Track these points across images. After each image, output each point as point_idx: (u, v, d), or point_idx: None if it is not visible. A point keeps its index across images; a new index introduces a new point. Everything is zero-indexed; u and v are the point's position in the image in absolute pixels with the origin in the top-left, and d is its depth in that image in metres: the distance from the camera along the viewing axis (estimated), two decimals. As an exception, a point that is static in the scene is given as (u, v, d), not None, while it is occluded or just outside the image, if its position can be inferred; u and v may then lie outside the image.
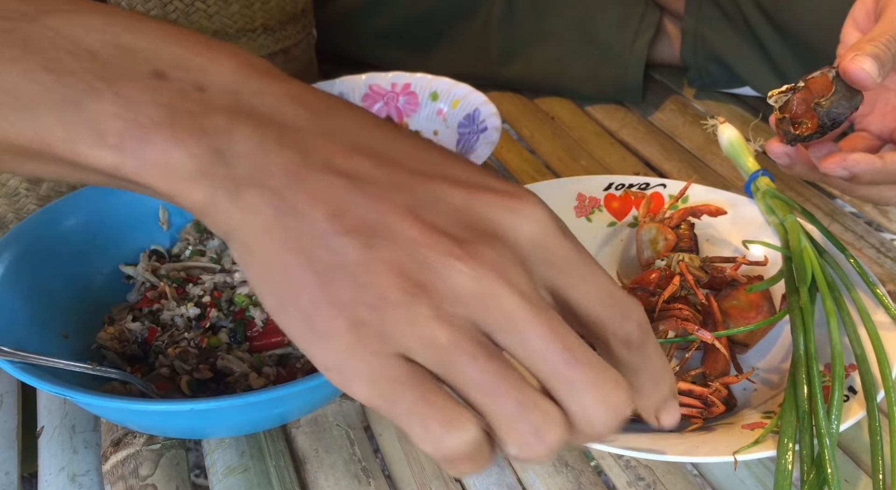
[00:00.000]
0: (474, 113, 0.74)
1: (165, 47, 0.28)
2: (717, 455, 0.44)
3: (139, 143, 0.27)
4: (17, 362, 0.45)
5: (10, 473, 0.51)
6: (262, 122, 0.28)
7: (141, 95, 0.27)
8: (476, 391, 0.27)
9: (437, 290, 0.27)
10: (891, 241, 0.68)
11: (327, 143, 0.28)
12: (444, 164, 0.29)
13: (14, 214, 0.64)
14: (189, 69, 0.28)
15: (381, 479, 0.49)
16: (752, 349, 0.56)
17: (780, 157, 0.56)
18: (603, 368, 0.28)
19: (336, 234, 0.27)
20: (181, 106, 0.27)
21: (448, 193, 0.28)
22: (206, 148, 0.27)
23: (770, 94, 0.54)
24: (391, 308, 0.26)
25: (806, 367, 0.47)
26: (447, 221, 0.28)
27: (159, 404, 0.44)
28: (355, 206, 0.27)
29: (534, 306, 0.27)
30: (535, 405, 0.27)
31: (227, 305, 0.56)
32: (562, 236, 0.29)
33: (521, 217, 0.28)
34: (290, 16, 0.82)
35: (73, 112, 0.27)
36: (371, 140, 0.29)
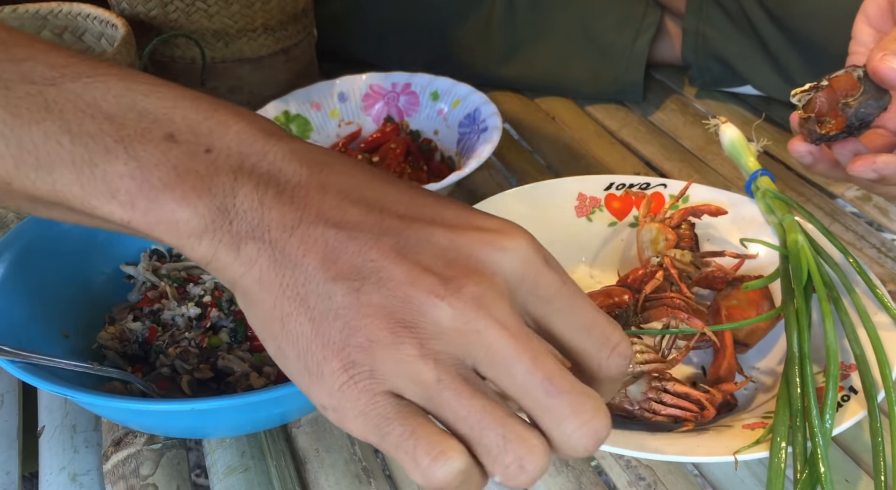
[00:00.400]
0: (475, 113, 0.74)
1: (178, 112, 0.31)
2: (718, 455, 0.44)
3: (148, 203, 0.29)
4: (17, 362, 0.45)
5: (11, 473, 0.51)
6: (263, 181, 0.30)
7: (152, 157, 0.30)
8: (462, 425, 0.28)
9: (421, 328, 0.28)
10: (892, 241, 0.68)
11: (321, 196, 0.30)
12: (432, 208, 0.31)
13: (14, 214, 0.64)
14: (199, 133, 0.30)
15: (381, 479, 0.49)
16: (752, 349, 0.56)
17: (803, 156, 0.56)
18: (584, 396, 0.29)
19: (327, 281, 0.28)
20: (189, 167, 0.30)
21: (434, 234, 0.30)
22: (210, 207, 0.29)
23: (793, 93, 0.54)
24: (379, 349, 0.28)
25: (799, 367, 0.47)
26: (431, 261, 0.29)
27: (160, 404, 0.44)
28: (345, 252, 0.29)
29: (515, 339, 0.28)
30: (519, 437, 0.28)
31: (228, 305, 0.56)
32: (545, 268, 0.30)
33: (505, 252, 0.30)
34: (291, 16, 0.82)
35: (89, 171, 0.30)
36: (362, 190, 0.31)
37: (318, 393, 0.29)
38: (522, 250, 0.30)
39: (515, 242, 0.30)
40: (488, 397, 0.29)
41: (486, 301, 0.28)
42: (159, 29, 0.78)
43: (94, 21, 0.75)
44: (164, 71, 0.81)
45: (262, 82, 0.83)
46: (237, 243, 0.29)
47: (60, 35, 0.76)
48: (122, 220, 0.30)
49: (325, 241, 0.29)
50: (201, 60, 0.79)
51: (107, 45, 0.75)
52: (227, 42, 0.80)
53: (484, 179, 0.78)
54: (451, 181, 0.65)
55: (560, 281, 0.30)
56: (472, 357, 0.29)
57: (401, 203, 0.31)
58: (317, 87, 0.78)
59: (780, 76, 0.83)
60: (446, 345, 0.28)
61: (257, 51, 0.81)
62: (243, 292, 0.30)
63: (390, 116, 0.79)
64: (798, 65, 0.80)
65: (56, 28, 0.76)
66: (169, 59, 0.81)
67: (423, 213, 0.30)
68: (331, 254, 0.29)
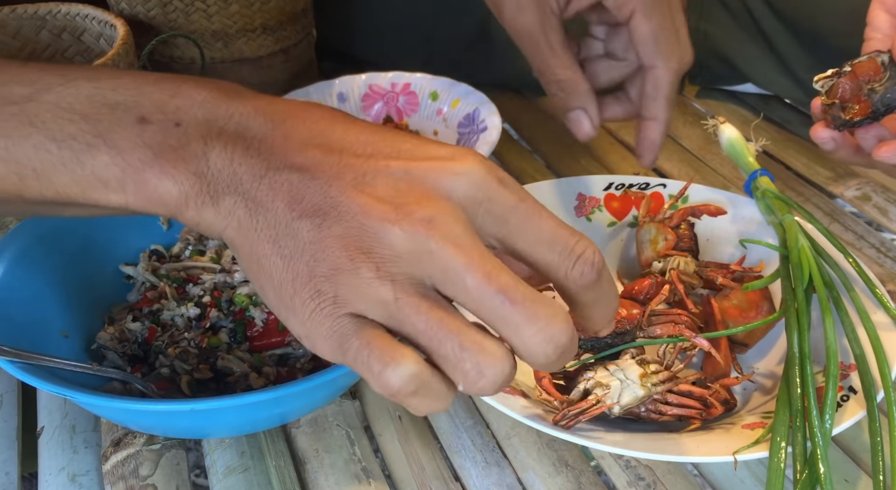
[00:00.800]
0: (474, 113, 0.74)
1: (144, 97, 0.33)
2: (717, 455, 0.44)
3: (135, 184, 0.32)
4: (17, 362, 0.45)
5: (11, 473, 0.51)
6: (231, 140, 0.32)
7: (128, 142, 0.32)
8: (422, 338, 0.30)
9: (377, 253, 0.30)
10: (891, 241, 0.68)
11: (285, 144, 0.32)
12: (390, 143, 0.33)
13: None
14: (166, 111, 0.33)
15: (381, 479, 0.49)
16: (751, 349, 0.56)
17: (825, 142, 0.56)
18: (538, 304, 0.30)
19: (293, 220, 0.31)
20: (163, 143, 0.32)
21: (389, 167, 0.32)
22: (187, 173, 0.32)
23: (816, 79, 0.54)
24: (340, 275, 0.30)
25: (800, 367, 0.47)
26: (386, 191, 0.31)
27: (159, 404, 0.44)
28: (308, 192, 0.31)
29: (467, 256, 0.30)
30: (475, 344, 0.30)
31: (227, 305, 0.56)
32: (499, 187, 0.32)
33: (457, 176, 0.32)
34: (290, 16, 0.82)
35: (80, 169, 0.33)
36: (324, 134, 0.33)
37: (293, 324, 0.32)
38: (475, 173, 0.32)
39: (467, 166, 0.32)
40: (447, 310, 0.30)
41: (438, 222, 0.30)
42: (158, 29, 0.78)
43: (92, 21, 0.75)
44: (164, 71, 0.81)
45: (262, 82, 0.83)
46: (216, 200, 0.32)
47: (59, 35, 0.76)
48: (120, 204, 0.33)
49: (290, 184, 0.31)
50: (200, 61, 0.79)
51: (106, 45, 0.75)
52: (227, 42, 0.80)
53: (483, 179, 0.78)
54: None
55: (516, 199, 0.32)
56: (429, 277, 0.31)
57: (360, 142, 0.33)
58: (316, 87, 0.78)
59: (783, 73, 0.82)
60: (402, 266, 0.30)
61: (256, 51, 0.81)
62: (230, 243, 0.33)
63: (389, 116, 0.79)
64: (802, 60, 0.80)
65: (55, 28, 0.76)
66: (168, 59, 0.81)
67: (380, 149, 0.33)
68: (296, 195, 0.31)
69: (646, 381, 0.47)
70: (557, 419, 0.46)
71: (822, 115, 0.55)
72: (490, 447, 0.51)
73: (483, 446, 0.51)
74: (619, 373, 0.48)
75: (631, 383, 0.47)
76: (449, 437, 0.52)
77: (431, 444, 0.51)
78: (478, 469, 0.49)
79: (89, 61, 0.76)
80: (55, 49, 0.77)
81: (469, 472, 0.49)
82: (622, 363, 0.48)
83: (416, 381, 0.30)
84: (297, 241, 0.31)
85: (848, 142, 0.56)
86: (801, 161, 0.80)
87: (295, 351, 0.54)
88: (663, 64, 0.56)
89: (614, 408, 0.47)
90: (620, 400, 0.47)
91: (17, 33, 0.75)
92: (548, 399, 0.47)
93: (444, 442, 0.51)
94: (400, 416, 0.53)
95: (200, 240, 0.61)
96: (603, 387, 0.47)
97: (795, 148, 0.82)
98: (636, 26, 0.56)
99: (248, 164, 0.32)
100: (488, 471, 0.49)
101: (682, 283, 0.54)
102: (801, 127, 0.85)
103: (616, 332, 0.49)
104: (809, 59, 0.80)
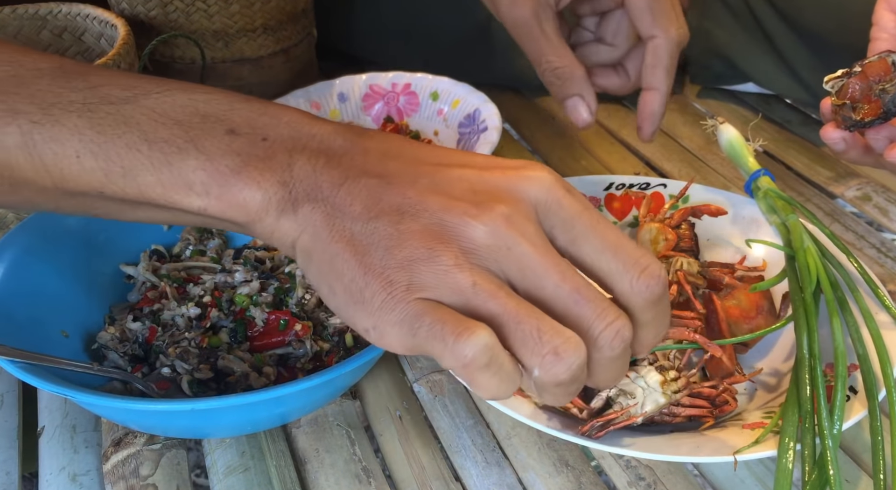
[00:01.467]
0: (475, 113, 0.74)
1: (235, 112, 0.35)
2: (718, 455, 0.44)
3: (220, 188, 0.34)
4: (17, 362, 0.45)
5: (11, 473, 0.51)
6: (314, 153, 0.34)
7: (218, 149, 0.34)
8: (498, 320, 0.31)
9: (456, 244, 0.31)
10: (891, 241, 0.68)
11: (364, 157, 0.34)
12: (461, 156, 0.35)
13: (14, 214, 0.64)
14: (255, 126, 0.35)
15: (381, 479, 0.49)
16: (752, 349, 0.56)
17: (836, 142, 0.56)
18: (607, 303, 0.32)
19: (370, 220, 0.32)
20: (251, 153, 0.34)
21: (464, 173, 0.34)
22: (272, 181, 0.34)
23: (826, 79, 0.54)
24: (417, 264, 0.31)
25: (809, 368, 0.47)
26: (463, 193, 0.33)
27: (160, 404, 0.44)
28: (386, 195, 0.33)
29: (543, 255, 0.32)
30: (553, 329, 0.31)
31: (228, 305, 0.56)
32: (567, 194, 0.33)
33: (529, 180, 0.33)
34: (290, 16, 0.82)
35: (167, 170, 0.34)
36: (399, 150, 0.35)
37: (361, 317, 0.32)
38: (545, 179, 0.33)
39: (538, 173, 0.34)
40: (521, 299, 0.32)
41: (515, 221, 0.32)
42: (159, 29, 0.78)
43: (93, 21, 0.75)
44: (164, 71, 0.81)
45: (262, 82, 0.83)
46: (296, 208, 0.33)
47: (60, 35, 0.76)
48: (199, 208, 0.34)
49: (368, 188, 0.33)
50: (201, 61, 0.79)
51: (106, 45, 0.75)
52: (227, 42, 0.80)
53: (484, 179, 0.78)
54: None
55: (582, 206, 0.33)
56: (504, 271, 0.32)
57: (433, 155, 0.35)
58: (316, 88, 0.78)
59: (784, 72, 0.82)
60: (480, 259, 0.32)
61: (257, 51, 0.81)
62: (302, 251, 0.34)
63: (390, 116, 0.79)
64: (805, 60, 0.80)
65: (55, 28, 0.76)
66: (169, 59, 0.81)
67: (453, 160, 0.35)
68: (373, 197, 0.33)
69: (666, 388, 0.47)
70: (585, 430, 0.45)
71: (832, 115, 0.55)
72: (490, 447, 0.51)
73: (483, 446, 0.51)
74: (640, 380, 0.47)
75: (652, 391, 0.47)
76: (449, 436, 0.52)
77: (432, 444, 0.51)
78: (478, 469, 0.49)
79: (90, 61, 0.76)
80: (56, 49, 0.77)
81: (469, 472, 0.49)
82: (641, 370, 0.48)
83: (489, 353, 0.31)
84: (373, 237, 0.32)
85: (858, 142, 0.56)
86: (801, 161, 0.80)
87: (295, 351, 0.54)
88: (662, 33, 0.57)
89: (638, 420, 0.46)
90: (644, 409, 0.47)
91: (17, 33, 0.75)
92: (568, 405, 0.47)
93: (444, 442, 0.51)
94: (400, 416, 0.53)
95: (201, 240, 0.61)
96: (627, 395, 0.46)
97: (796, 148, 0.82)
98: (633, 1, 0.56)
99: (329, 174, 0.33)
100: (488, 471, 0.49)
101: (688, 283, 0.54)
102: (802, 127, 0.86)
103: None
104: (811, 59, 0.80)
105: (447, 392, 0.54)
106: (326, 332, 0.55)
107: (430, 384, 0.55)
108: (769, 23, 0.82)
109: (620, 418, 0.46)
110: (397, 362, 0.57)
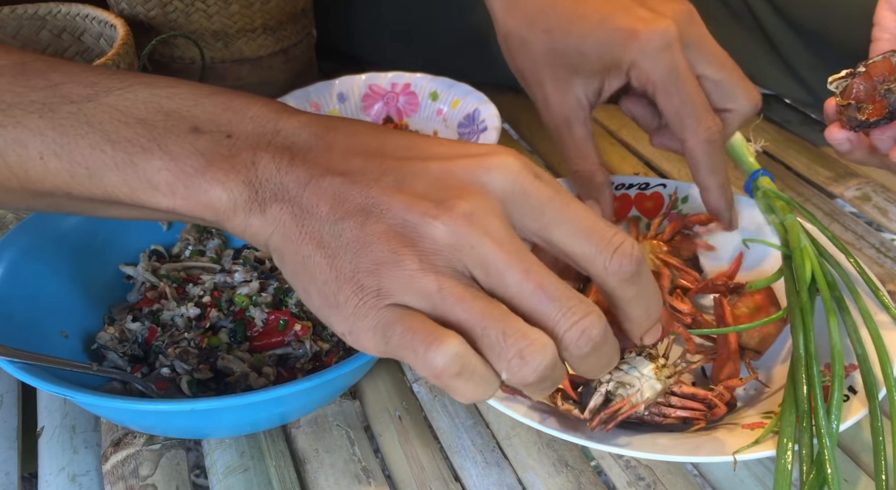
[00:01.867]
0: (474, 113, 0.74)
1: (198, 108, 0.35)
2: (718, 455, 0.44)
3: (185, 189, 0.34)
4: (17, 362, 0.45)
5: (11, 473, 0.51)
6: (279, 152, 0.34)
7: (182, 149, 0.34)
8: (466, 326, 0.31)
9: (419, 246, 0.31)
10: (891, 241, 0.68)
11: (328, 154, 0.34)
12: (425, 146, 0.35)
13: (14, 215, 0.64)
14: (219, 123, 0.35)
15: (381, 479, 0.49)
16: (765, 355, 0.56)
17: (841, 143, 0.56)
18: (574, 300, 0.32)
19: (337, 221, 0.32)
20: (215, 152, 0.34)
21: (428, 167, 0.33)
22: (237, 182, 0.33)
23: (830, 80, 0.54)
24: (384, 268, 0.31)
25: (806, 367, 0.47)
26: (426, 189, 0.32)
27: (159, 404, 0.44)
28: (350, 194, 0.33)
29: (507, 252, 0.31)
30: (518, 332, 0.31)
31: (227, 305, 0.56)
32: (535, 181, 0.33)
33: (493, 171, 0.33)
34: (290, 16, 0.82)
35: (132, 171, 0.34)
36: (364, 143, 0.35)
37: (337, 320, 0.33)
38: (510, 168, 0.33)
39: (503, 162, 0.33)
40: (489, 301, 0.32)
41: (477, 217, 0.32)
42: (158, 29, 0.78)
43: (92, 21, 0.75)
44: (164, 71, 0.81)
45: (262, 82, 0.83)
46: (263, 208, 0.33)
47: (59, 35, 0.76)
48: (167, 207, 0.34)
49: (333, 188, 0.33)
50: (200, 61, 0.79)
51: (105, 45, 0.75)
52: (227, 42, 0.80)
53: (483, 179, 0.78)
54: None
55: (552, 191, 0.33)
56: (469, 270, 0.32)
57: (398, 148, 0.35)
58: (316, 88, 0.78)
59: (784, 72, 0.82)
60: (444, 259, 0.32)
61: (256, 51, 0.81)
62: (275, 250, 0.34)
63: (389, 117, 0.79)
64: (804, 60, 0.80)
65: (55, 29, 0.76)
66: (168, 59, 0.81)
67: (418, 152, 0.34)
68: (339, 198, 0.33)
69: (660, 374, 0.47)
70: (594, 425, 0.45)
71: (836, 116, 0.55)
72: (490, 447, 0.51)
73: (483, 446, 0.51)
74: (633, 370, 0.47)
75: (648, 378, 0.47)
76: (449, 437, 0.52)
77: (431, 444, 0.51)
78: (478, 469, 0.49)
79: (89, 61, 0.76)
80: (55, 49, 0.77)
81: (469, 472, 0.49)
82: (631, 360, 0.48)
83: (460, 362, 0.31)
84: (341, 240, 0.32)
85: (863, 143, 0.56)
86: (801, 161, 0.80)
87: (295, 351, 0.54)
88: (691, 137, 0.54)
89: (641, 406, 0.46)
90: (644, 396, 0.47)
91: (17, 33, 0.75)
92: (569, 408, 0.47)
93: (444, 442, 0.51)
94: (400, 416, 0.53)
95: (200, 240, 0.61)
96: (625, 386, 0.47)
97: (796, 148, 0.82)
98: (661, 105, 0.55)
99: (294, 173, 0.33)
100: (488, 471, 0.49)
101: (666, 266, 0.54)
102: (802, 127, 0.86)
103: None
104: (811, 59, 0.80)
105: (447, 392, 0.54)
106: (326, 332, 0.55)
107: (430, 384, 0.55)
108: (769, 22, 0.82)
109: (625, 408, 0.46)
110: (397, 362, 0.57)
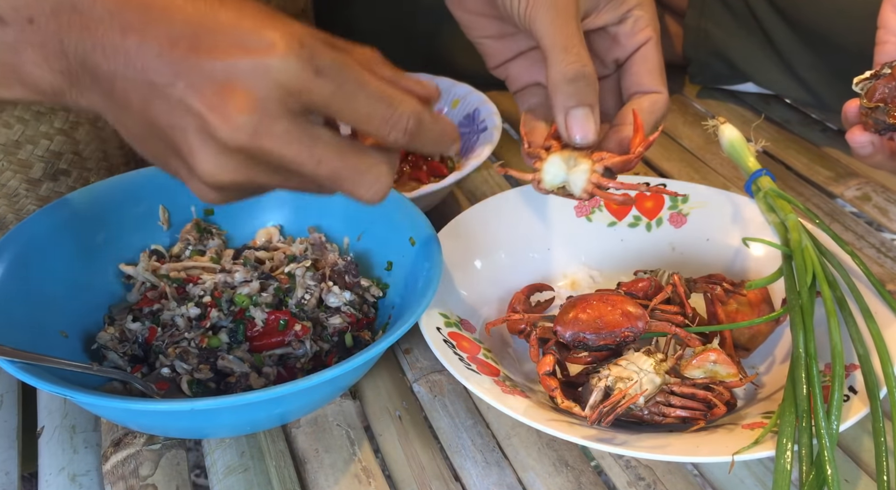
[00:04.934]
0: (474, 113, 0.74)
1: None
2: (718, 455, 0.44)
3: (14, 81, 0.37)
4: (17, 362, 0.45)
5: (11, 473, 0.51)
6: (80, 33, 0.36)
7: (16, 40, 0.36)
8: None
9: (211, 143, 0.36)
10: (891, 241, 0.68)
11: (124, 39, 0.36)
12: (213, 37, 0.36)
13: (14, 215, 0.64)
14: (18, 7, 0.36)
15: (381, 479, 0.49)
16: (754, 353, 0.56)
17: (864, 146, 0.55)
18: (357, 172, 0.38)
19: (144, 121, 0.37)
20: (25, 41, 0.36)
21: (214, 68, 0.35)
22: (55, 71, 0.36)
23: (855, 81, 0.53)
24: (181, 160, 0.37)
25: (805, 367, 0.47)
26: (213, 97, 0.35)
27: (160, 404, 0.44)
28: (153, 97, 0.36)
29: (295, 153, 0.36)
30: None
31: (228, 305, 0.56)
32: (315, 78, 0.36)
33: (273, 72, 0.35)
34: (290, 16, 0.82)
35: None
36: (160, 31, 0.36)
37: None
38: (290, 67, 0.35)
39: (283, 61, 0.35)
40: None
41: (262, 128, 0.35)
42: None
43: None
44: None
45: (262, 82, 0.83)
46: (82, 91, 0.37)
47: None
48: (11, 98, 0.38)
49: (137, 89, 0.36)
50: (201, 60, 0.79)
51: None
52: (227, 42, 0.79)
53: (483, 179, 0.78)
54: (450, 181, 0.65)
55: (334, 86, 0.36)
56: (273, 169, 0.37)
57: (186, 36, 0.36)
58: None
59: (784, 72, 0.82)
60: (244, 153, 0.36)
61: (257, 51, 0.81)
62: (113, 122, 0.39)
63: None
64: (805, 59, 0.80)
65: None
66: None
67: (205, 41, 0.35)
68: (144, 100, 0.36)
69: (659, 369, 0.48)
70: (594, 418, 0.46)
71: (857, 118, 0.54)
72: (490, 447, 0.51)
73: (483, 446, 0.51)
74: (632, 366, 0.48)
75: (647, 373, 0.48)
76: (449, 437, 0.52)
77: (431, 444, 0.51)
78: (478, 469, 0.49)
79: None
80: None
81: (469, 472, 0.49)
82: (630, 357, 0.49)
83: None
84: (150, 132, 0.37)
85: (886, 146, 0.55)
86: (801, 161, 0.80)
87: (295, 351, 0.54)
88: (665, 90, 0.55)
89: (640, 399, 0.47)
90: (643, 388, 0.47)
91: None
92: (570, 406, 0.47)
93: (444, 442, 0.51)
94: (400, 416, 0.53)
95: (200, 240, 0.61)
96: (624, 380, 0.47)
97: (796, 148, 0.82)
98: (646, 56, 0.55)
99: (98, 58, 0.36)
100: (488, 471, 0.49)
101: (682, 286, 0.54)
102: (802, 127, 0.86)
103: (624, 341, 0.50)
104: (811, 59, 0.80)
105: (447, 392, 0.54)
106: (326, 332, 0.55)
107: (430, 384, 0.55)
108: (769, 22, 0.82)
109: (623, 399, 0.46)
110: (397, 362, 0.57)
